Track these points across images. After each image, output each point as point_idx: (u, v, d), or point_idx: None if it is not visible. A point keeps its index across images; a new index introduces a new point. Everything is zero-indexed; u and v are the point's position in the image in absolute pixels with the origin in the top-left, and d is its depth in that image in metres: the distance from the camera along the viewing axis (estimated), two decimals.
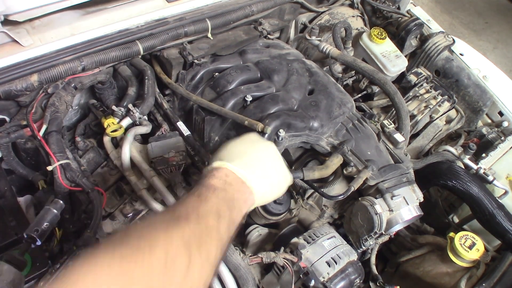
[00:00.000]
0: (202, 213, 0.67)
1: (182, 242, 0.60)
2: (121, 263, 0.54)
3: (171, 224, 0.62)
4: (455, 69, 1.82)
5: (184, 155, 1.23)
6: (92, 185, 1.18)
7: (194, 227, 0.64)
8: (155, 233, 0.60)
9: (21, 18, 1.25)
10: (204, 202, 0.70)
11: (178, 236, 0.61)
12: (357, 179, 1.18)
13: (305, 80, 1.39)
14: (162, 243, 0.58)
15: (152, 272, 0.55)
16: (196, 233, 0.63)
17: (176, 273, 0.58)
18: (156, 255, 0.56)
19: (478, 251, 1.27)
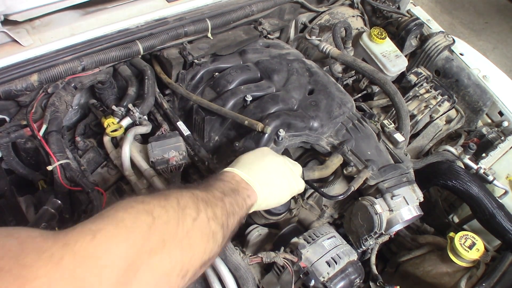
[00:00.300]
0: (209, 188, 0.79)
1: (191, 198, 0.71)
2: (143, 202, 0.64)
3: (181, 188, 0.74)
4: (455, 69, 1.82)
5: (184, 155, 1.23)
6: (92, 185, 1.18)
7: (202, 193, 0.75)
8: (169, 192, 0.71)
9: (21, 18, 1.25)
10: (212, 184, 0.81)
11: (188, 194, 0.72)
12: (357, 179, 1.18)
13: (305, 80, 1.39)
14: (174, 195, 0.69)
15: (168, 209, 0.65)
16: (203, 196, 0.74)
17: (187, 217, 0.67)
18: (170, 200, 0.67)
19: (478, 251, 1.27)
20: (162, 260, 0.61)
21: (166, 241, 0.62)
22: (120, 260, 0.55)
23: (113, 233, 0.57)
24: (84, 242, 0.53)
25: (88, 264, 0.52)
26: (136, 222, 0.60)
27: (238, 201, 0.82)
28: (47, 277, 0.48)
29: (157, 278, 0.60)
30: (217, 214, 0.73)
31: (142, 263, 0.58)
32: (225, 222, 0.75)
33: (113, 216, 0.60)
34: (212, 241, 0.71)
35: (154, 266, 0.60)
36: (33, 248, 0.50)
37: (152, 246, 0.60)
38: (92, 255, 0.53)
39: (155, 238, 0.61)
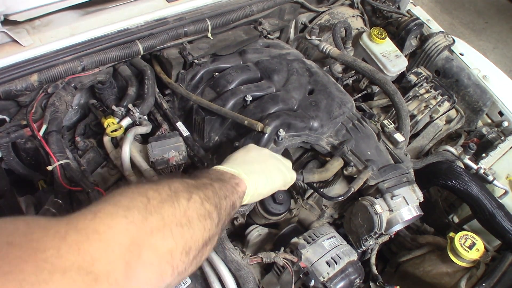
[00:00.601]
0: (198, 177, 0.82)
1: (182, 183, 0.73)
2: (137, 186, 0.68)
3: (171, 177, 0.76)
4: (455, 69, 1.82)
5: (184, 155, 1.23)
6: (92, 185, 1.18)
7: (191, 180, 0.77)
8: (160, 179, 0.74)
9: (21, 18, 1.25)
10: (198, 176, 0.83)
11: (178, 180, 0.74)
12: (358, 180, 1.18)
13: (305, 80, 1.39)
14: (165, 181, 0.72)
15: (160, 192, 0.67)
16: (193, 182, 0.76)
17: (180, 198, 0.69)
18: (161, 185, 0.70)
19: (478, 251, 1.27)
20: (164, 238, 0.63)
21: (165, 220, 0.64)
22: (123, 236, 0.57)
23: (112, 211, 0.60)
24: (86, 220, 0.56)
25: (92, 239, 0.54)
26: (132, 202, 0.63)
27: (227, 187, 0.84)
28: (56, 248, 0.50)
29: (160, 256, 0.62)
30: (209, 195, 0.75)
31: (144, 242, 0.60)
32: (218, 203, 0.77)
33: (111, 198, 0.63)
34: (209, 220, 0.73)
35: (157, 245, 0.61)
36: (39, 226, 0.52)
37: (152, 225, 0.62)
38: (95, 231, 0.55)
39: (153, 217, 0.63)
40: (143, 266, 0.59)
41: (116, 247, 0.56)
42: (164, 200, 0.66)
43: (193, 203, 0.71)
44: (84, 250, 0.52)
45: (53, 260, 0.49)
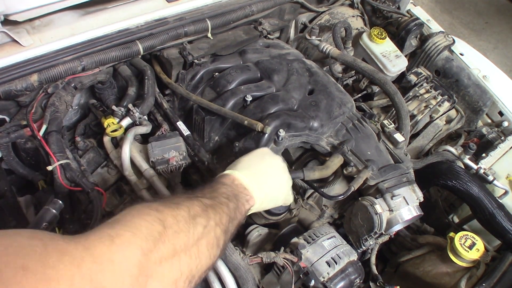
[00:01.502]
0: (215, 194, 0.83)
1: (200, 206, 0.75)
2: (157, 210, 0.67)
3: (190, 197, 0.78)
4: (455, 69, 1.82)
5: (184, 155, 1.23)
6: (92, 185, 1.18)
7: (209, 200, 0.79)
8: (179, 200, 0.75)
9: (21, 18, 1.25)
10: (216, 190, 0.85)
11: (197, 203, 0.76)
12: (357, 179, 1.18)
13: (305, 80, 1.39)
14: (185, 204, 0.73)
15: (179, 220, 0.68)
16: (210, 203, 0.78)
17: (198, 226, 0.70)
18: (181, 209, 0.71)
19: (478, 251, 1.27)
20: (172, 268, 0.64)
21: (176, 250, 0.65)
22: (134, 267, 0.58)
23: (130, 240, 0.60)
24: (103, 247, 0.57)
25: (106, 269, 0.55)
26: (150, 230, 0.63)
27: (239, 207, 0.86)
28: (70, 278, 0.51)
29: (165, 286, 0.63)
30: (223, 221, 0.77)
31: (152, 273, 0.61)
32: (228, 228, 0.79)
33: (130, 222, 0.63)
34: (216, 247, 0.75)
35: (164, 274, 0.63)
36: (56, 249, 0.52)
37: (162, 254, 0.63)
38: (110, 261, 0.56)
39: (166, 246, 0.63)
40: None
41: (126, 278, 0.57)
42: (180, 230, 0.67)
43: (208, 230, 0.72)
44: (96, 281, 0.53)
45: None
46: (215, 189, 0.85)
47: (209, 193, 0.82)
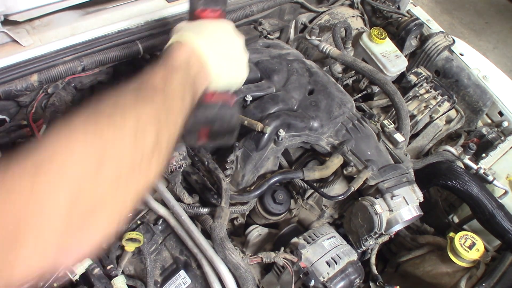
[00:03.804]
0: (168, 90, 0.69)
1: (151, 115, 0.62)
2: (95, 129, 0.55)
3: (140, 98, 0.64)
4: (455, 69, 1.82)
5: (184, 155, 1.23)
6: None
7: (162, 103, 0.66)
8: (126, 104, 0.61)
9: (21, 18, 1.25)
10: (170, 81, 0.71)
11: (147, 109, 0.62)
12: (357, 179, 1.18)
13: (305, 80, 1.39)
14: (133, 114, 0.59)
15: (123, 138, 0.56)
16: (164, 107, 0.66)
17: (146, 142, 0.59)
18: (127, 122, 0.58)
19: (478, 251, 1.27)
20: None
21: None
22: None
23: (54, 180, 0.49)
24: (24, 190, 0.47)
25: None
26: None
27: (194, 94, 0.77)
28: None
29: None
30: (178, 124, 0.69)
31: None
32: (180, 121, 0.70)
33: (56, 156, 0.51)
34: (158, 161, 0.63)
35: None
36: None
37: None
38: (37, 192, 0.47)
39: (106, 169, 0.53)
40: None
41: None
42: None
43: (160, 144, 0.62)
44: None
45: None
46: (168, 80, 0.71)
47: (162, 90, 0.68)
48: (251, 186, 1.23)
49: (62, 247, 0.50)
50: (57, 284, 1.04)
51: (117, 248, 1.14)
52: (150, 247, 1.14)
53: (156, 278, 1.12)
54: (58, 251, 0.50)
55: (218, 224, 1.06)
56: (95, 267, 1.06)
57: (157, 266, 1.14)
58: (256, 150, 1.20)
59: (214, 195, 1.18)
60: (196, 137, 0.98)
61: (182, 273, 1.10)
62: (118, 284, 1.04)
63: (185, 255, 1.14)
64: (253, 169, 1.22)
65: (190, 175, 1.25)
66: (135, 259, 1.15)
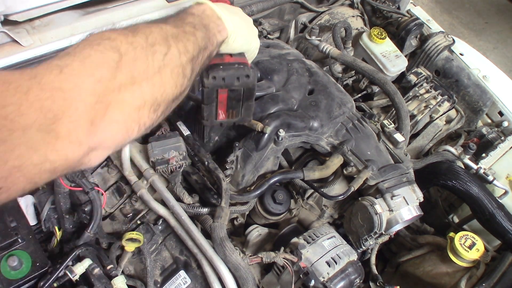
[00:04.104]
0: (179, 23, 0.75)
1: (160, 34, 0.68)
2: (110, 39, 0.62)
3: (149, 25, 0.70)
4: (455, 69, 1.82)
5: (184, 155, 1.23)
6: (92, 185, 1.18)
7: (171, 28, 0.71)
8: (136, 27, 0.68)
9: (21, 18, 1.25)
10: (181, 19, 0.77)
11: (157, 30, 0.68)
12: (357, 179, 1.18)
13: (305, 80, 1.39)
14: (143, 31, 0.66)
15: (135, 47, 0.63)
16: (173, 32, 0.71)
17: (157, 53, 0.65)
18: (137, 36, 0.65)
19: (478, 251, 1.27)
20: (133, 95, 0.62)
21: (136, 78, 0.62)
22: (88, 95, 0.55)
23: (80, 69, 0.56)
24: (51, 76, 0.53)
25: (56, 96, 0.52)
26: (103, 58, 0.59)
27: (210, 37, 0.80)
28: (17, 105, 0.48)
29: (127, 114, 0.61)
30: (189, 48, 0.72)
31: (111, 100, 0.58)
32: (196, 56, 0.74)
33: (80, 53, 0.59)
34: (182, 76, 0.70)
35: (125, 102, 0.60)
36: (1, 80, 0.49)
37: (121, 82, 0.60)
38: (60, 89, 0.53)
39: (123, 74, 0.60)
40: (109, 123, 0.58)
41: (80, 105, 0.54)
42: (137, 57, 0.63)
43: (170, 59, 0.67)
44: (46, 108, 0.51)
45: (14, 117, 0.48)
46: (180, 18, 0.77)
47: (173, 21, 0.75)
48: (251, 186, 1.23)
49: (91, 134, 0.56)
50: (57, 284, 1.04)
51: (117, 248, 1.14)
52: (150, 247, 1.14)
53: (156, 278, 1.12)
54: (88, 135, 0.56)
55: (218, 224, 1.06)
56: (95, 267, 1.07)
57: (157, 266, 1.14)
58: (256, 150, 1.20)
59: (214, 195, 1.18)
60: (215, 110, 0.99)
61: (182, 273, 1.10)
62: (118, 284, 1.04)
63: (185, 255, 1.14)
64: (253, 169, 1.22)
65: (190, 175, 1.25)
66: (135, 259, 1.15)
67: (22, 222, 1.13)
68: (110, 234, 1.20)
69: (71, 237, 1.21)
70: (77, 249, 1.08)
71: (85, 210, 1.18)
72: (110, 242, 1.17)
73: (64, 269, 1.04)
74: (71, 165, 0.56)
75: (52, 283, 1.03)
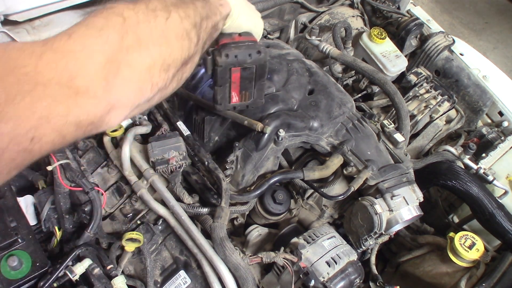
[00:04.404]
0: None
1: (159, 2, 0.70)
2: (111, 8, 0.65)
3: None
4: (455, 69, 1.82)
5: (184, 155, 1.23)
6: (92, 185, 1.19)
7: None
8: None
9: (21, 18, 1.25)
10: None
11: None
12: (357, 179, 1.18)
13: (305, 80, 1.39)
14: (142, 1, 0.68)
15: (137, 12, 0.65)
16: (173, 1, 0.73)
17: (158, 17, 0.67)
18: (138, 4, 0.67)
19: (478, 251, 1.27)
20: (141, 56, 0.64)
21: (142, 39, 0.64)
22: (98, 55, 0.58)
23: (87, 33, 0.59)
24: (61, 42, 0.57)
25: (69, 57, 0.55)
26: (107, 22, 0.62)
27: (210, 7, 0.82)
28: (33, 65, 0.52)
29: (139, 73, 0.64)
30: (189, 14, 0.74)
31: (121, 60, 0.61)
32: (198, 23, 0.75)
33: (85, 21, 0.62)
34: (187, 39, 0.72)
35: (134, 62, 0.63)
36: (14, 48, 0.53)
37: (128, 44, 0.62)
38: (71, 51, 0.56)
39: (129, 36, 0.63)
40: (122, 81, 0.61)
41: (92, 65, 0.57)
42: (140, 20, 0.65)
43: (172, 22, 0.69)
44: (61, 67, 0.54)
45: (33, 74, 0.51)
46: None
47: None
48: (251, 186, 1.23)
49: (106, 90, 0.58)
50: (57, 284, 1.04)
51: (117, 248, 1.14)
52: (150, 247, 1.14)
53: (156, 278, 1.12)
54: (104, 92, 0.58)
55: (218, 224, 1.06)
56: (95, 267, 1.07)
57: (157, 266, 1.14)
58: (256, 150, 1.20)
59: (214, 195, 1.18)
60: (228, 92, 1.00)
61: (182, 273, 1.10)
62: (118, 284, 1.04)
63: (185, 255, 1.14)
64: (253, 169, 1.22)
65: (190, 175, 1.25)
66: (135, 259, 1.15)
67: (22, 222, 1.13)
68: (110, 234, 1.20)
69: (71, 237, 1.21)
70: (77, 249, 1.08)
71: (85, 210, 1.18)
72: (110, 242, 1.17)
73: (64, 269, 1.04)
74: (94, 121, 0.59)
75: (52, 283, 1.03)
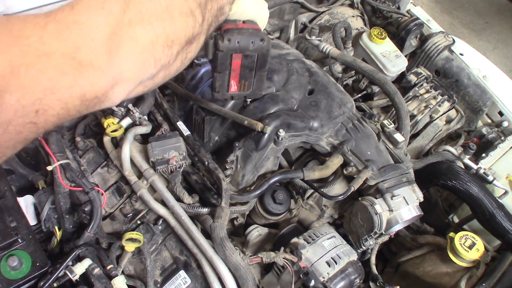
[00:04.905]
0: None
1: None
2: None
3: None
4: (455, 69, 1.82)
5: (184, 155, 1.23)
6: (92, 185, 1.19)
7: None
8: None
9: None
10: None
11: None
12: (357, 179, 1.18)
13: (305, 80, 1.39)
14: None
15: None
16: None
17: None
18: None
19: (478, 251, 1.27)
20: (144, 29, 0.63)
21: (144, 14, 0.64)
22: (102, 26, 0.58)
23: (90, 4, 0.59)
24: (64, 12, 0.56)
25: (73, 28, 0.55)
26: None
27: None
28: (38, 36, 0.51)
29: (142, 47, 0.63)
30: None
31: (124, 33, 0.60)
32: (203, 3, 0.74)
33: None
34: (191, 17, 0.71)
35: (137, 36, 0.62)
36: (18, 19, 0.52)
37: (130, 17, 0.61)
38: (75, 21, 0.56)
39: (131, 10, 0.62)
40: (125, 55, 0.60)
41: (96, 36, 0.57)
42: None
43: (175, 1, 0.68)
44: (65, 38, 0.53)
45: (37, 45, 0.51)
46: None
47: None
48: (251, 186, 1.23)
49: (110, 63, 0.58)
50: (57, 284, 1.04)
51: (117, 248, 1.14)
52: (150, 247, 1.14)
53: (156, 278, 1.12)
54: (108, 64, 0.58)
55: (218, 224, 1.06)
56: (95, 267, 1.07)
57: (157, 266, 1.14)
58: (256, 150, 1.20)
59: (214, 195, 1.18)
60: (227, 80, 0.98)
61: (182, 273, 1.10)
62: (118, 284, 1.04)
63: (185, 255, 1.14)
64: (253, 169, 1.22)
65: (190, 175, 1.25)
66: (135, 259, 1.15)
67: (22, 222, 1.13)
68: (110, 234, 1.20)
69: (71, 237, 1.21)
70: (77, 249, 1.08)
71: (85, 210, 1.18)
72: (110, 242, 1.17)
73: (64, 269, 1.04)
74: (98, 94, 0.58)
75: (52, 283, 1.03)
